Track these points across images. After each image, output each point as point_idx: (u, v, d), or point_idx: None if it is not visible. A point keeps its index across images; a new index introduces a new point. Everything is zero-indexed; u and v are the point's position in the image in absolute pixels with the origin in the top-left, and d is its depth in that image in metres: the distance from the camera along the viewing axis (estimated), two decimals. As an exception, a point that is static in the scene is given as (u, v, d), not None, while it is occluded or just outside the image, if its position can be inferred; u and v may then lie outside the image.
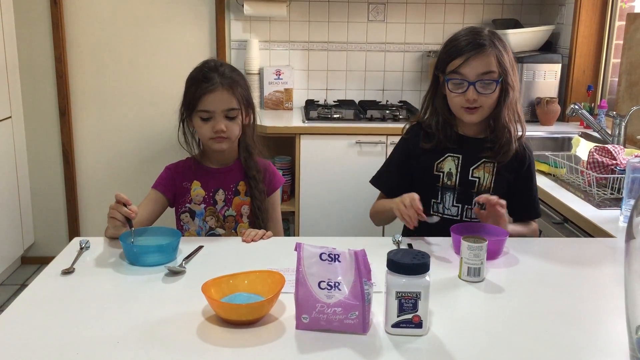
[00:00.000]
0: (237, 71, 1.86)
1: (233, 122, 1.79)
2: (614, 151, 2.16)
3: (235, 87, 1.78)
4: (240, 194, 1.89)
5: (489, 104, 1.74)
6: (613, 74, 3.25)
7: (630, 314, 1.04)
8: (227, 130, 1.77)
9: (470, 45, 1.70)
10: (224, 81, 1.77)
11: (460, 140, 1.81)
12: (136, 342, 1.14)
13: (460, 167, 1.80)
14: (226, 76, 1.79)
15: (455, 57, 1.72)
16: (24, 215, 3.58)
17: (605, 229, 1.78)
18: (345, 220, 3.18)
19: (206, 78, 1.78)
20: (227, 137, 1.79)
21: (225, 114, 1.77)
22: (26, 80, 3.55)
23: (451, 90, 1.74)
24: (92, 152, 3.69)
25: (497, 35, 1.76)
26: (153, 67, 3.60)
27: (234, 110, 1.78)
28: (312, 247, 1.19)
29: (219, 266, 1.49)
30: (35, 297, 1.34)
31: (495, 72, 1.71)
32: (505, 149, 1.77)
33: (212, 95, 1.76)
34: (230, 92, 1.77)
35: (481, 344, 1.15)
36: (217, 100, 1.76)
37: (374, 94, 3.74)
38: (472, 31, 1.76)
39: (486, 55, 1.70)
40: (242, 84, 1.83)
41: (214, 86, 1.76)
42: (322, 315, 1.16)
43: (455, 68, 1.72)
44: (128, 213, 1.56)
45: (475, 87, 1.70)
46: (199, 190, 1.86)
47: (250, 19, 3.58)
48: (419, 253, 1.18)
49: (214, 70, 1.79)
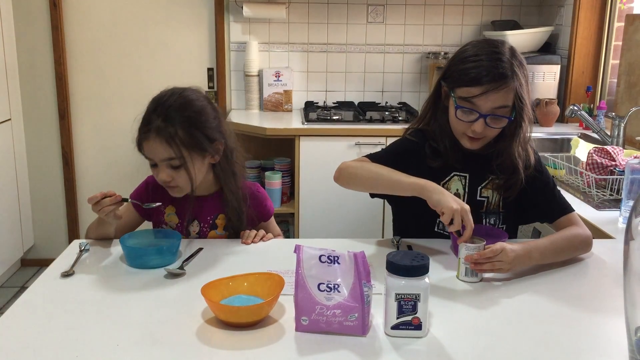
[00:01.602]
0: (191, 105, 1.60)
1: (178, 171, 1.58)
2: (613, 152, 2.16)
3: (175, 133, 1.54)
4: (218, 228, 1.73)
5: (493, 134, 1.60)
6: (612, 75, 3.25)
7: (630, 315, 1.04)
8: (173, 180, 1.59)
9: (489, 75, 1.51)
10: (160, 126, 1.54)
11: (465, 157, 1.67)
12: (136, 344, 1.14)
13: (468, 187, 1.67)
14: (168, 118, 1.55)
15: (470, 84, 1.53)
16: (23, 218, 3.58)
17: (605, 230, 1.78)
18: (344, 221, 3.19)
19: (146, 119, 1.58)
20: (177, 186, 1.61)
21: (166, 163, 1.58)
22: (26, 82, 3.55)
23: (458, 118, 1.58)
24: (92, 155, 3.70)
25: (517, 57, 1.57)
26: (153, 69, 3.60)
27: (174, 159, 1.56)
28: (311, 249, 1.19)
29: (219, 268, 1.49)
30: (35, 299, 1.34)
31: (509, 107, 1.55)
32: (512, 184, 1.64)
33: (147, 144, 1.57)
34: (167, 141, 1.54)
35: (480, 345, 1.15)
36: (152, 150, 1.57)
37: (373, 95, 3.74)
38: (492, 53, 1.54)
39: (506, 90, 1.52)
40: (191, 123, 1.57)
41: (148, 134, 1.56)
42: (321, 317, 1.16)
43: (468, 97, 1.54)
44: (112, 199, 1.55)
45: (486, 120, 1.54)
46: (173, 216, 1.72)
47: (250, 21, 3.58)
48: (418, 255, 1.18)
49: (155, 110, 1.58)
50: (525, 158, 1.65)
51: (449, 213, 1.42)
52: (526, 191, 1.67)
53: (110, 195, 1.55)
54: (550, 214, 1.68)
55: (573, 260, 1.58)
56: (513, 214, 1.71)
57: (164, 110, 1.57)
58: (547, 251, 1.51)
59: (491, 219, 1.69)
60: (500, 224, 1.70)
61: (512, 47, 1.59)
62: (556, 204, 1.68)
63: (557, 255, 1.54)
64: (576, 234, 1.59)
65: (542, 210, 1.70)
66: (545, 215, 1.71)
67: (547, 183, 1.70)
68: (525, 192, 1.67)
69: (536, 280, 1.44)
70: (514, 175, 1.63)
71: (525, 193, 1.67)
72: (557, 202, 1.68)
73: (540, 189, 1.68)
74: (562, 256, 1.55)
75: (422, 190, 1.50)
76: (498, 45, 1.57)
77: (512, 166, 1.63)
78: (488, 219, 1.69)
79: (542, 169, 1.71)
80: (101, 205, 1.54)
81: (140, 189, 1.77)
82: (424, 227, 1.71)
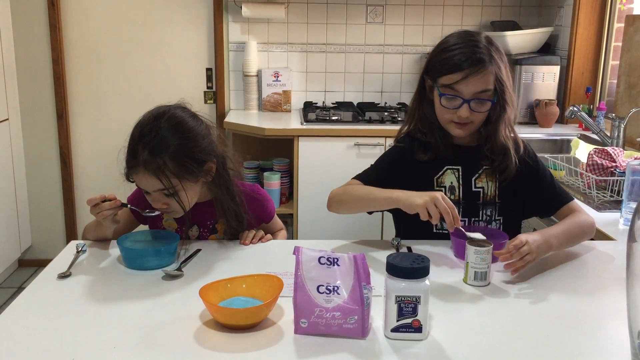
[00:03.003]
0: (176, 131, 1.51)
1: (172, 198, 1.53)
2: (614, 153, 2.15)
3: (164, 164, 1.47)
4: (218, 233, 1.71)
5: (479, 119, 1.65)
6: (612, 76, 3.25)
7: (632, 318, 1.03)
8: (168, 207, 1.55)
9: (469, 61, 1.57)
10: (147, 159, 1.47)
11: (457, 150, 1.72)
12: (133, 346, 1.13)
13: (462, 179, 1.71)
14: (153, 150, 1.47)
15: (451, 71, 1.60)
16: (21, 218, 3.57)
17: (605, 232, 1.77)
18: (343, 223, 3.17)
19: (132, 151, 1.50)
20: (172, 211, 1.57)
21: (158, 193, 1.53)
22: (24, 82, 3.54)
23: (443, 105, 1.64)
24: (90, 155, 3.69)
25: (494, 44, 1.64)
26: (151, 69, 3.59)
27: (165, 189, 1.51)
28: (311, 250, 1.18)
29: (217, 270, 1.48)
30: (32, 300, 1.32)
31: (491, 90, 1.61)
32: (505, 166, 1.68)
33: (137, 176, 1.52)
34: (155, 175, 1.47)
35: (481, 348, 1.14)
36: (143, 183, 1.52)
37: (372, 95, 3.73)
38: (469, 41, 1.62)
39: (486, 73, 1.59)
40: (179, 153, 1.49)
41: (137, 167, 1.50)
42: (320, 319, 1.15)
43: (450, 83, 1.61)
44: (112, 204, 1.53)
45: (470, 105, 1.60)
46: (171, 221, 1.70)
47: (249, 21, 3.57)
48: (418, 257, 1.17)
49: (139, 141, 1.49)
50: (514, 141, 1.70)
51: (420, 211, 1.46)
52: (524, 184, 1.70)
53: (110, 199, 1.54)
54: (551, 206, 1.71)
55: (573, 262, 1.57)
56: (511, 206, 1.72)
57: (149, 141, 1.48)
58: (562, 237, 1.55)
59: (488, 210, 1.71)
60: (497, 215, 1.72)
61: (487, 35, 1.67)
62: (556, 195, 1.71)
63: (570, 241, 1.58)
64: (584, 220, 1.63)
65: (542, 203, 1.73)
66: (546, 207, 1.74)
67: (544, 175, 1.73)
68: (523, 185, 1.70)
69: (537, 283, 1.44)
70: (505, 158, 1.67)
71: (524, 186, 1.70)
72: (556, 192, 1.72)
73: (538, 182, 1.72)
74: (574, 242, 1.60)
75: (395, 202, 1.54)
76: (474, 34, 1.66)
77: (503, 148, 1.67)
78: (485, 210, 1.71)
79: (537, 161, 1.74)
80: (100, 209, 1.53)
81: (138, 192, 1.72)
82: (423, 229, 1.70)
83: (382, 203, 1.59)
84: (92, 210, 1.54)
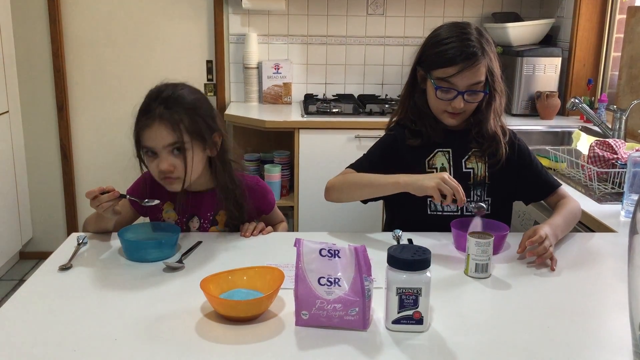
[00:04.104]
0: (192, 95, 1.61)
1: (180, 159, 1.55)
2: (615, 145, 2.15)
3: (179, 118, 1.54)
4: (219, 224, 1.71)
5: (472, 108, 1.72)
6: (613, 68, 3.24)
7: (634, 310, 1.03)
8: (175, 170, 1.55)
9: (463, 55, 1.63)
10: (163, 112, 1.53)
11: (446, 133, 1.77)
12: (134, 338, 1.13)
13: (452, 161, 1.76)
14: (170, 105, 1.54)
15: (446, 65, 1.65)
16: (22, 211, 3.57)
17: (607, 224, 1.77)
18: (344, 215, 3.17)
19: (146, 109, 1.56)
20: (177, 177, 1.57)
21: (168, 149, 1.55)
22: (24, 75, 3.53)
23: (438, 97, 1.69)
24: (90, 147, 3.68)
25: (484, 35, 1.70)
26: (151, 61, 3.58)
27: (177, 143, 1.54)
28: (311, 242, 1.17)
29: (218, 262, 1.48)
30: (33, 293, 1.33)
31: (483, 81, 1.68)
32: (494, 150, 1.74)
33: (149, 131, 1.54)
34: (171, 125, 1.53)
35: (482, 340, 1.14)
36: (155, 137, 1.54)
37: (373, 88, 3.72)
38: (461, 34, 1.67)
39: (479, 67, 1.65)
40: (193, 111, 1.57)
41: (152, 120, 1.54)
42: (321, 311, 1.15)
43: (445, 77, 1.66)
44: (110, 195, 1.52)
45: (464, 96, 1.67)
46: (171, 213, 1.70)
47: (249, 13, 3.56)
48: (419, 249, 1.17)
49: (155, 98, 1.56)
50: (502, 128, 1.77)
51: (433, 192, 1.51)
52: (515, 170, 1.77)
53: (109, 190, 1.53)
54: (541, 191, 1.81)
55: (575, 254, 1.58)
56: (500, 189, 1.78)
57: (167, 97, 1.56)
58: (564, 227, 1.65)
59: (478, 190, 1.77)
60: (486, 195, 1.77)
61: (477, 27, 1.72)
62: (545, 182, 1.80)
63: (567, 228, 1.67)
64: (575, 206, 1.74)
65: (533, 188, 1.81)
66: (536, 193, 1.82)
67: (535, 162, 1.81)
68: (514, 171, 1.77)
69: (538, 275, 1.44)
70: (493, 143, 1.74)
71: (514, 172, 1.77)
72: (546, 179, 1.80)
73: (529, 168, 1.79)
74: (569, 228, 1.69)
75: (403, 187, 1.59)
76: (465, 27, 1.70)
77: (491, 134, 1.74)
78: (475, 191, 1.77)
79: (527, 148, 1.82)
80: (99, 201, 1.52)
81: (137, 185, 1.74)
82: (419, 212, 1.73)
83: (388, 188, 1.63)
84: (91, 203, 1.54)
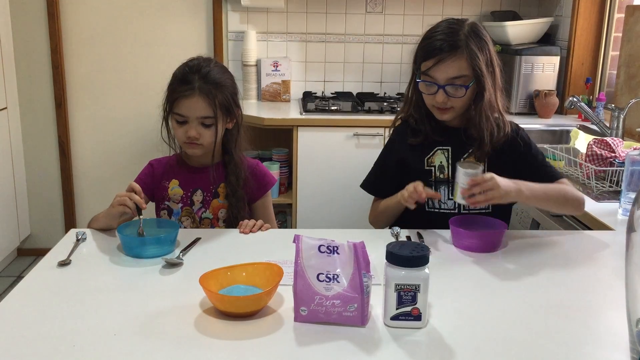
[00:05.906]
0: (224, 73, 1.78)
1: (208, 130, 1.72)
2: (613, 144, 2.15)
3: (215, 94, 1.70)
4: (220, 197, 1.82)
5: (460, 105, 1.70)
6: (612, 67, 3.24)
7: (631, 307, 1.04)
8: (200, 138, 1.72)
9: (443, 46, 1.63)
10: (203, 87, 1.69)
11: (447, 131, 1.78)
12: (133, 334, 1.13)
13: (451, 159, 1.76)
14: (208, 80, 1.70)
15: (427, 57, 1.66)
16: (20, 207, 3.57)
17: (604, 222, 1.78)
18: (342, 212, 3.18)
19: (185, 80, 1.71)
20: (200, 144, 1.73)
21: (200, 120, 1.71)
22: (22, 71, 3.52)
23: (422, 91, 1.72)
24: (88, 144, 3.68)
25: (477, 32, 1.67)
26: (149, 58, 3.58)
27: (209, 118, 1.71)
28: (310, 239, 1.18)
29: (217, 258, 1.48)
30: (32, 289, 1.33)
31: (466, 76, 1.65)
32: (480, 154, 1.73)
33: (187, 101, 1.69)
34: (208, 100, 1.69)
35: (480, 336, 1.15)
36: (192, 107, 1.69)
37: (371, 85, 3.73)
38: (451, 28, 1.67)
39: (457, 59, 1.63)
40: (225, 88, 1.74)
41: (191, 92, 1.69)
42: (320, 307, 1.15)
43: (426, 69, 1.67)
44: (140, 202, 1.57)
45: (445, 90, 1.65)
46: (177, 189, 1.82)
47: (248, 10, 3.56)
48: (418, 245, 1.17)
49: (196, 72, 1.71)
50: (496, 127, 1.72)
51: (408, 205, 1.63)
52: (515, 164, 1.74)
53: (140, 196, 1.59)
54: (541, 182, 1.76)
55: (573, 252, 1.58)
56: None
57: (206, 73, 1.70)
58: (537, 191, 1.61)
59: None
60: None
61: (474, 23, 1.70)
62: (546, 173, 1.76)
63: (547, 200, 1.65)
64: (570, 191, 1.70)
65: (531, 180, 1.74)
66: None
67: (536, 155, 1.78)
68: (515, 165, 1.74)
69: (536, 271, 1.44)
70: (480, 147, 1.72)
71: (515, 166, 1.74)
72: (547, 171, 1.77)
73: (530, 162, 1.76)
74: (551, 204, 1.68)
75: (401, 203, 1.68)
76: (458, 22, 1.69)
77: (479, 137, 1.72)
78: None
79: (529, 142, 1.79)
80: (127, 197, 1.56)
81: (142, 174, 1.83)
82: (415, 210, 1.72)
83: (399, 207, 1.74)
84: (117, 196, 1.58)
